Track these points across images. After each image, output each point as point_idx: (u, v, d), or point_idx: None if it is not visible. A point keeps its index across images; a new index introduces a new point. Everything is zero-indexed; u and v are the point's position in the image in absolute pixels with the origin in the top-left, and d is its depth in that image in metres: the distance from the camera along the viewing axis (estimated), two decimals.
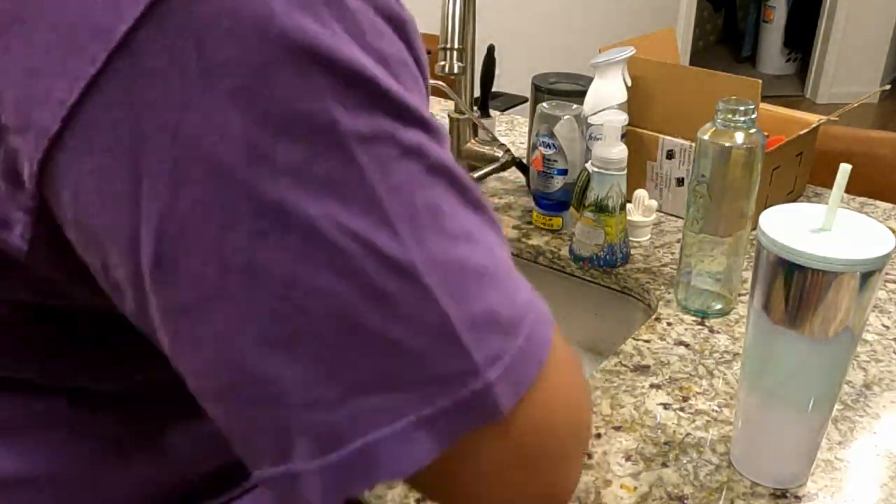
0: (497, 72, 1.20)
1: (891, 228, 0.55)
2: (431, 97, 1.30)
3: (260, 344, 0.30)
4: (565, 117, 0.98)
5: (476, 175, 1.04)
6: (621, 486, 0.63)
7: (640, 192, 1.03)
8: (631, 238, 1.01)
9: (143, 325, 0.33)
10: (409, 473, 0.33)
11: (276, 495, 0.34)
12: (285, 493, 0.33)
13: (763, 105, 1.03)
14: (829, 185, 0.55)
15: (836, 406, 0.72)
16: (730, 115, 0.77)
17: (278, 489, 0.33)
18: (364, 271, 0.30)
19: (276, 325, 0.30)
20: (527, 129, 1.38)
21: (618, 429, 0.70)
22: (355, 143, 0.30)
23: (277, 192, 0.29)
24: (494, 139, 1.09)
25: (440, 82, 1.02)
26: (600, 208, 0.91)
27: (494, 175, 1.11)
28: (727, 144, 0.77)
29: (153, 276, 0.30)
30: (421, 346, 0.32)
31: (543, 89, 1.09)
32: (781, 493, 0.63)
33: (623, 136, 0.98)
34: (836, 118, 1.07)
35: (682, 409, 0.72)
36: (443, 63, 0.85)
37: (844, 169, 0.54)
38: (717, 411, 0.72)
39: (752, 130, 0.78)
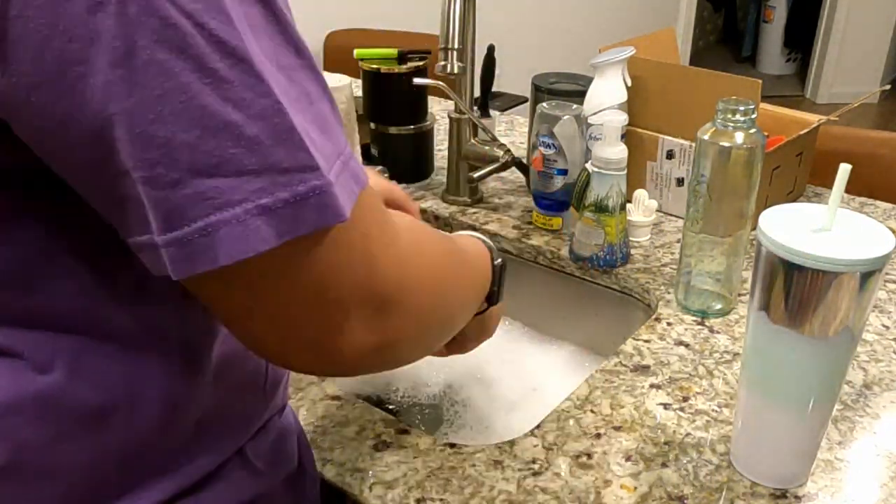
0: (497, 72, 1.20)
1: (891, 228, 0.55)
2: (431, 97, 1.30)
3: (96, 118, 0.33)
4: (565, 117, 0.98)
5: (476, 175, 1.04)
6: (621, 486, 0.63)
7: (640, 192, 1.03)
8: (631, 238, 1.01)
9: (24, 133, 0.35)
10: (247, 257, 0.35)
11: None
12: (151, 262, 0.36)
13: (763, 105, 1.03)
14: (829, 185, 0.55)
15: (836, 406, 0.72)
16: (730, 115, 0.77)
17: (147, 258, 0.36)
18: (196, 47, 0.33)
19: (119, 100, 0.32)
20: (527, 129, 1.38)
21: (618, 429, 0.70)
22: None
23: None
24: (494, 139, 1.09)
25: (440, 82, 1.02)
26: (600, 208, 0.91)
27: (494, 175, 1.11)
28: (727, 144, 0.77)
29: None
30: (258, 133, 0.34)
31: (543, 89, 1.09)
32: (781, 493, 0.63)
33: (623, 136, 0.98)
34: (836, 118, 1.07)
35: (682, 409, 0.72)
36: (443, 63, 0.85)
37: (844, 169, 0.54)
38: (717, 411, 0.72)
39: (752, 130, 0.78)
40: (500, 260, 0.63)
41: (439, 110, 1.47)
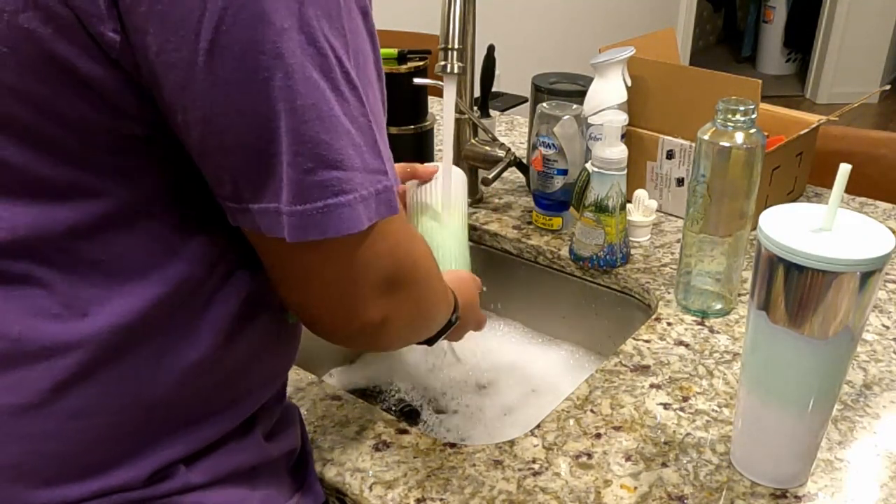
0: (497, 72, 1.20)
1: (891, 228, 0.55)
2: (431, 97, 1.30)
3: (270, 112, 0.43)
4: (565, 117, 0.98)
5: (490, 175, 1.04)
6: (621, 486, 0.63)
7: (640, 192, 1.03)
8: (631, 238, 1.01)
9: (183, 105, 0.43)
10: (349, 233, 0.46)
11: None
12: (269, 225, 0.46)
13: (763, 105, 1.03)
14: (829, 185, 0.55)
15: (836, 406, 0.72)
16: (730, 115, 0.77)
17: (266, 220, 0.46)
18: (334, 73, 0.44)
19: (286, 101, 0.43)
20: (527, 129, 1.38)
21: (618, 429, 0.70)
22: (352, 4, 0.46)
23: (308, 10, 0.42)
24: (494, 139, 1.09)
25: (440, 82, 1.02)
26: (600, 208, 0.91)
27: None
28: (727, 144, 0.77)
29: (207, 58, 0.41)
30: (362, 142, 0.46)
31: (543, 89, 1.09)
32: (781, 493, 0.63)
33: (623, 136, 0.98)
34: (836, 118, 1.07)
35: (682, 409, 0.72)
36: (443, 63, 0.85)
37: (844, 169, 0.54)
38: (717, 411, 0.72)
39: (752, 130, 0.78)
40: (455, 316, 0.69)
41: (439, 110, 1.47)
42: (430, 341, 0.69)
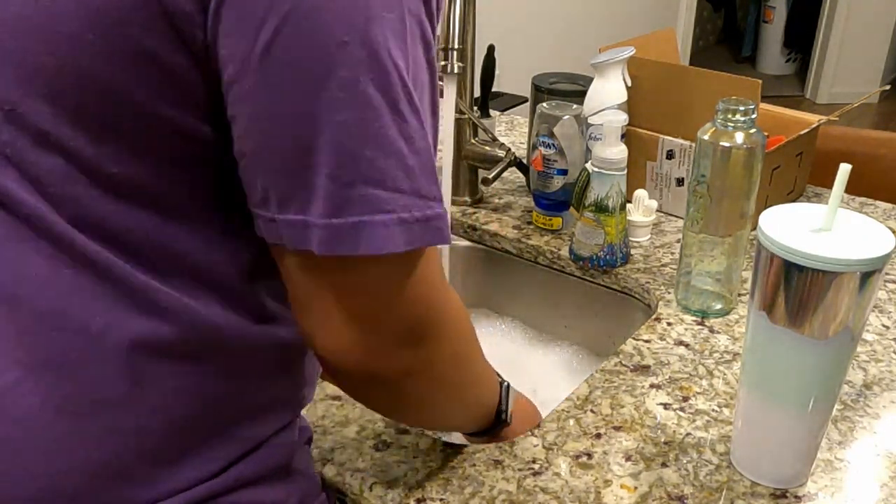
0: (497, 72, 1.20)
1: (891, 228, 0.55)
2: None
3: (312, 121, 0.42)
4: (565, 117, 0.98)
5: (491, 175, 1.04)
6: (621, 486, 0.63)
7: (640, 192, 1.03)
8: (631, 238, 1.01)
9: (232, 101, 0.43)
10: (380, 253, 0.44)
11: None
12: (295, 237, 0.44)
13: (763, 105, 1.03)
14: (829, 185, 0.55)
15: (836, 406, 0.72)
16: (730, 115, 0.77)
17: (291, 232, 0.44)
18: (395, 93, 0.43)
19: (333, 113, 0.42)
20: (527, 129, 1.38)
21: (618, 429, 0.70)
22: (412, 18, 0.44)
23: (374, 27, 0.42)
24: (494, 139, 1.09)
25: (440, 82, 1.02)
26: (600, 208, 0.91)
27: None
28: (727, 144, 0.77)
29: (261, 58, 0.41)
30: (414, 164, 0.44)
31: (543, 89, 1.09)
32: (781, 493, 0.63)
33: (623, 136, 0.98)
34: (836, 118, 1.07)
35: (682, 409, 0.72)
36: (443, 63, 0.85)
37: (844, 169, 0.54)
38: (717, 411, 0.72)
39: (752, 130, 0.78)
40: (506, 382, 0.67)
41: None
42: (472, 433, 0.68)
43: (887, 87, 1.26)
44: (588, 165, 0.94)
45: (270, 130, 0.43)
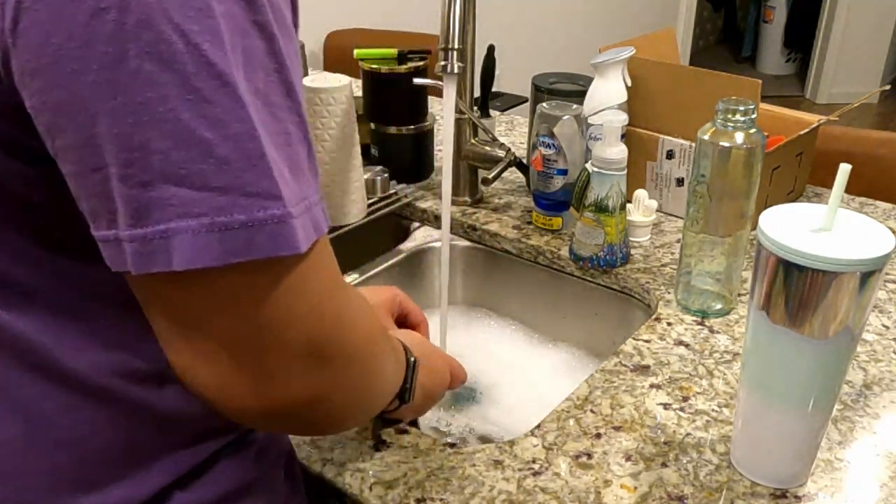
0: (497, 72, 1.20)
1: (891, 228, 0.55)
2: (431, 97, 1.30)
3: (84, 112, 0.35)
4: (565, 117, 0.98)
5: (491, 175, 1.04)
6: (621, 486, 0.63)
7: (640, 192, 1.03)
8: (631, 238, 1.01)
9: (31, 108, 0.37)
10: (194, 267, 0.36)
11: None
12: (112, 257, 0.38)
13: (763, 105, 1.03)
14: (829, 185, 0.55)
15: (836, 406, 0.72)
16: (730, 115, 0.77)
17: (108, 252, 0.38)
18: (184, 64, 0.35)
19: (104, 100, 0.35)
20: (527, 129, 1.38)
21: (618, 429, 0.70)
22: None
23: None
24: (494, 139, 1.09)
25: (440, 82, 1.02)
26: (600, 208, 0.91)
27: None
28: (727, 144, 0.77)
29: (14, 42, 0.35)
30: (228, 154, 0.36)
31: (543, 89, 1.09)
32: (781, 493, 0.63)
33: (623, 136, 0.98)
34: (836, 118, 1.07)
35: (682, 409, 0.72)
36: (443, 63, 0.85)
37: (844, 169, 0.54)
38: (717, 411, 0.72)
39: (752, 130, 0.78)
40: (413, 359, 0.60)
41: (439, 110, 1.47)
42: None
43: (887, 87, 1.26)
44: (588, 165, 0.94)
45: (56, 127, 0.36)
